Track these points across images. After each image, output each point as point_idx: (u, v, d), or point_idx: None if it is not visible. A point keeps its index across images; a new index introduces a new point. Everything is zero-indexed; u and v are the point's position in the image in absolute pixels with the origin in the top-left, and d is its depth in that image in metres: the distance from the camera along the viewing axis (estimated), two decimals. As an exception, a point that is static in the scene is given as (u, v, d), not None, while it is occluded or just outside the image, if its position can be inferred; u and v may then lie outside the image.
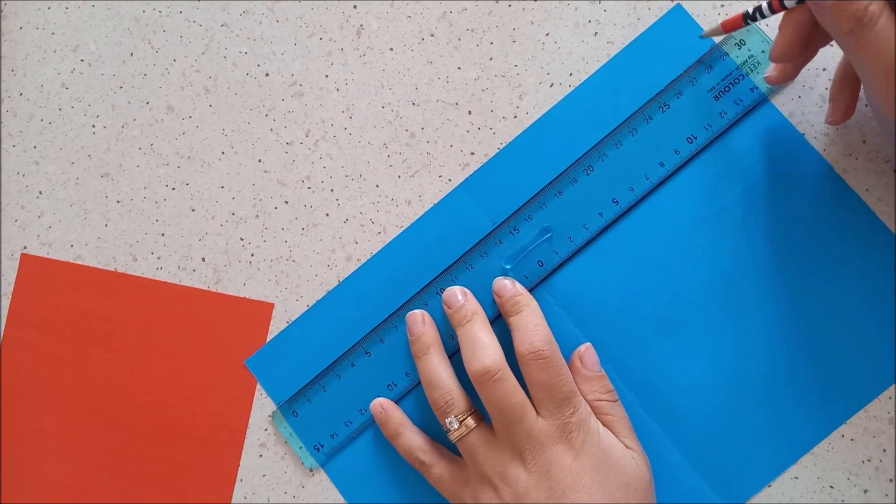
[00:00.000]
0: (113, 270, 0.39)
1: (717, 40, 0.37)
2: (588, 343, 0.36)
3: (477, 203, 0.38)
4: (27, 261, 0.40)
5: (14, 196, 0.40)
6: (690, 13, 0.37)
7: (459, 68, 0.39)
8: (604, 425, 0.34)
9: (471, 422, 0.34)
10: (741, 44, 0.37)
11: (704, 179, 0.37)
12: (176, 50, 0.40)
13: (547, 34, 0.38)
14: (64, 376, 0.39)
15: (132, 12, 0.40)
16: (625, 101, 0.37)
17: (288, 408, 0.38)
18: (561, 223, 0.37)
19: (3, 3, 0.40)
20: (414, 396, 0.37)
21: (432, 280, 0.37)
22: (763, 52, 0.37)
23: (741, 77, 0.37)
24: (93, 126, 0.40)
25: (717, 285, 0.36)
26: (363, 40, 0.39)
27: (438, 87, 0.39)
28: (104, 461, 0.38)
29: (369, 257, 0.38)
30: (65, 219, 0.40)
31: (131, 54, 0.40)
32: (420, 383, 0.36)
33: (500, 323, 0.36)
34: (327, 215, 0.39)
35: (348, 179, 0.39)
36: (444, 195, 0.38)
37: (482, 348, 0.34)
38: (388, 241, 0.38)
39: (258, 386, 0.38)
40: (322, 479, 0.38)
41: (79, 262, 0.39)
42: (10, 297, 0.39)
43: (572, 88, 0.38)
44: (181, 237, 0.39)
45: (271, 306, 0.38)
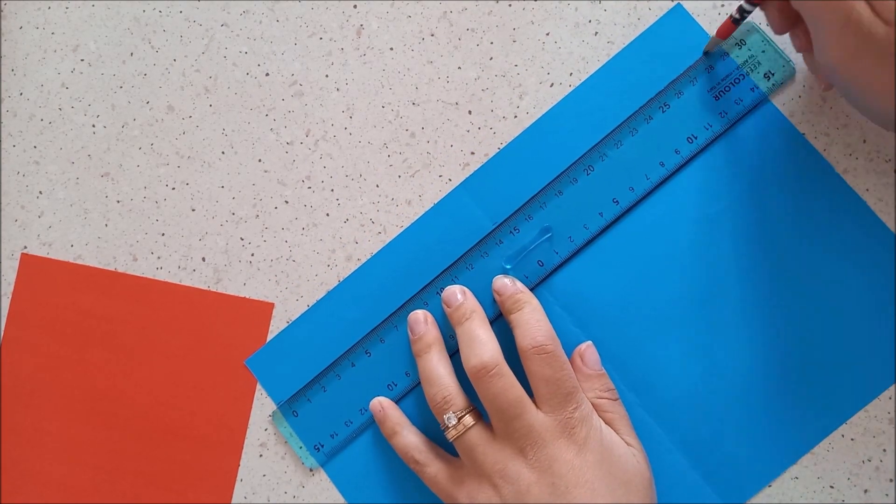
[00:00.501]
0: (113, 270, 0.39)
1: (724, 47, 0.37)
2: (589, 342, 0.36)
3: (477, 203, 0.38)
4: (27, 261, 0.40)
5: (14, 196, 0.40)
6: (690, 13, 0.37)
7: (460, 68, 0.39)
8: (609, 424, 0.34)
9: (469, 419, 0.34)
10: (741, 43, 0.37)
11: (705, 179, 0.37)
12: (176, 50, 0.40)
13: (547, 34, 0.38)
14: (64, 376, 0.39)
15: (132, 12, 0.40)
16: (625, 101, 0.37)
17: (288, 408, 0.38)
18: (561, 223, 0.37)
19: (3, 3, 0.40)
20: (414, 396, 0.37)
21: (432, 280, 0.37)
22: (763, 52, 0.37)
23: (741, 77, 0.37)
24: (93, 126, 0.40)
25: (717, 285, 0.36)
26: (363, 40, 0.39)
27: (438, 87, 0.39)
28: (104, 461, 0.38)
29: (369, 257, 0.38)
30: (65, 219, 0.40)
31: (131, 54, 0.40)
32: (420, 384, 0.36)
33: (500, 323, 0.36)
34: (327, 215, 0.39)
35: (348, 179, 0.39)
36: (445, 195, 0.38)
37: (480, 345, 0.34)
38: (389, 241, 0.38)
39: (258, 386, 0.38)
40: (322, 479, 0.38)
41: (79, 262, 0.39)
42: (10, 297, 0.39)
43: (573, 88, 0.38)
44: (181, 237, 0.39)
45: (271, 306, 0.38)
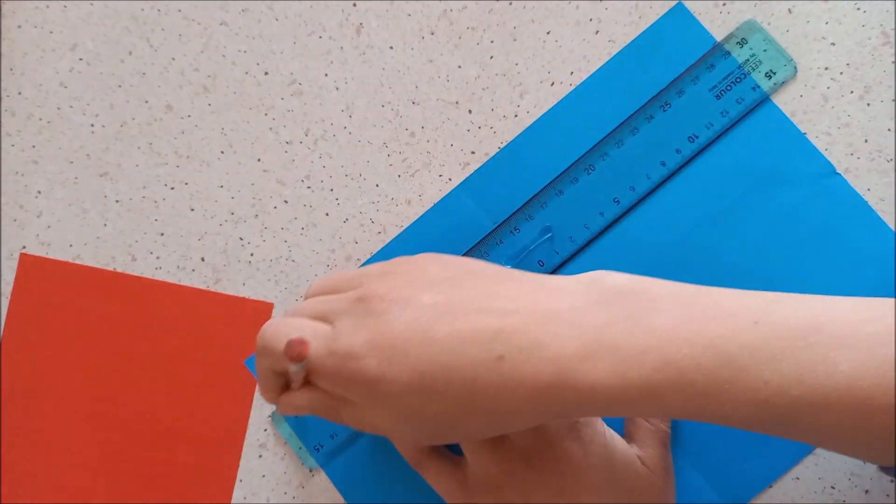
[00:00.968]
0: (112, 270, 0.39)
1: (726, 46, 0.37)
2: None
3: (477, 203, 0.38)
4: (26, 260, 0.39)
5: (13, 195, 0.40)
6: (692, 12, 0.37)
7: (460, 67, 0.38)
8: (636, 433, 0.34)
9: None
10: (743, 42, 0.36)
11: (706, 179, 0.37)
12: (175, 48, 0.40)
13: (548, 32, 0.38)
14: (63, 376, 0.39)
15: (130, 11, 0.40)
16: (626, 100, 0.37)
17: None
18: (562, 223, 0.37)
19: (2, 3, 0.40)
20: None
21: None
22: (765, 51, 0.36)
23: (743, 76, 0.36)
24: (91, 125, 0.40)
25: (717, 285, 0.36)
26: (363, 39, 0.39)
27: (438, 86, 0.38)
28: (104, 461, 0.38)
29: (369, 257, 0.38)
30: (64, 218, 0.39)
31: (130, 53, 0.40)
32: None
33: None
34: (327, 215, 0.39)
35: (348, 179, 0.39)
36: (445, 195, 0.38)
37: None
38: (388, 241, 0.38)
39: (258, 386, 0.38)
40: (322, 479, 0.37)
41: (78, 262, 0.39)
42: (10, 297, 0.39)
43: (573, 87, 0.38)
44: (180, 237, 0.39)
45: (271, 306, 0.38)
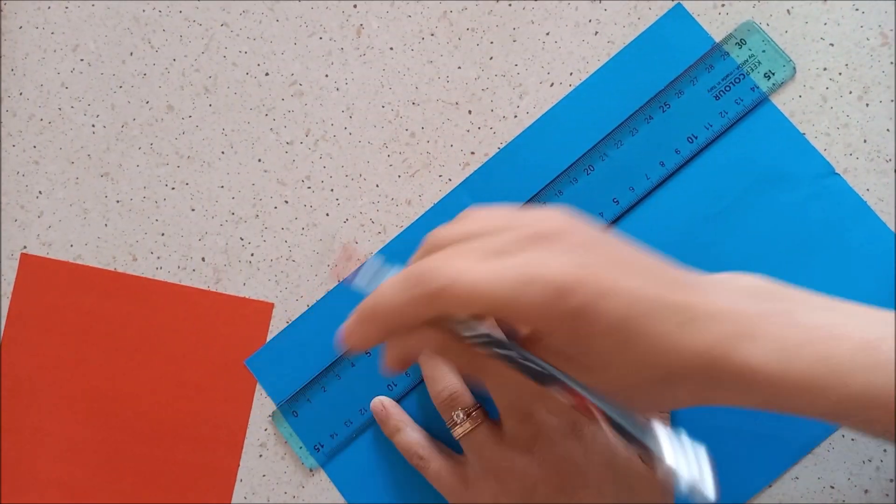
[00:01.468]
0: (113, 270, 0.39)
1: (725, 47, 0.37)
2: None
3: (477, 202, 0.38)
4: (27, 261, 0.39)
5: (14, 196, 0.40)
6: (691, 13, 0.37)
7: (459, 68, 0.39)
8: None
9: (478, 415, 0.34)
10: (742, 43, 0.37)
11: (705, 179, 0.37)
12: (176, 49, 0.40)
13: (547, 33, 0.38)
14: (64, 376, 0.39)
15: (132, 12, 0.40)
16: (625, 101, 0.37)
17: (288, 408, 0.38)
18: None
19: (3, 3, 0.40)
20: (415, 396, 0.37)
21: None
22: (764, 52, 0.36)
23: (742, 76, 0.36)
24: (92, 126, 0.40)
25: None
26: (363, 40, 0.39)
27: (438, 87, 0.39)
28: (104, 461, 0.38)
29: (368, 257, 0.38)
30: (64, 218, 0.40)
31: (131, 54, 0.40)
32: (421, 382, 0.36)
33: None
34: (327, 215, 0.39)
35: (348, 179, 0.39)
36: (445, 195, 0.38)
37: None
38: (388, 241, 0.38)
39: (258, 386, 0.38)
40: (322, 479, 0.38)
41: (79, 262, 0.39)
42: (10, 297, 0.39)
43: (573, 88, 0.38)
44: (181, 237, 0.39)
45: (271, 306, 0.38)
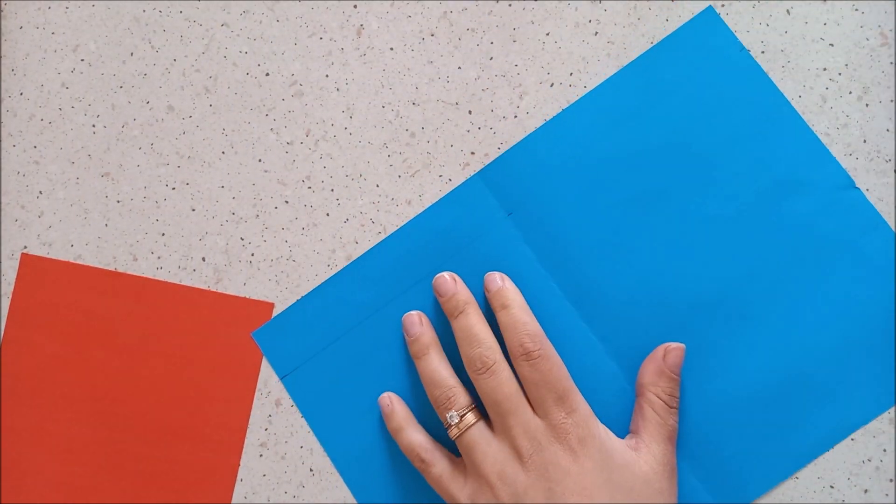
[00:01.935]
0: (113, 270, 0.39)
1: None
2: (683, 345, 0.35)
3: (492, 191, 0.38)
4: (27, 261, 0.39)
5: (14, 196, 0.40)
6: (721, 16, 0.37)
7: (460, 68, 0.39)
8: (643, 425, 0.34)
9: (470, 417, 0.34)
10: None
11: (707, 179, 0.37)
12: (176, 49, 0.40)
13: (547, 34, 0.38)
14: (64, 376, 0.39)
15: (132, 12, 0.40)
16: (649, 100, 0.37)
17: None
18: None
19: (4, 3, 0.40)
20: (418, 396, 0.37)
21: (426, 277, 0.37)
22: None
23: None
24: (93, 126, 0.40)
25: (722, 287, 0.36)
26: (363, 40, 0.39)
27: (439, 87, 0.39)
28: (104, 461, 0.38)
29: (363, 253, 0.38)
30: (65, 218, 0.40)
31: (131, 54, 0.40)
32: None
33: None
34: (327, 215, 0.39)
35: (348, 179, 0.39)
36: (460, 183, 0.38)
37: (476, 341, 0.34)
38: (388, 236, 0.38)
39: (258, 385, 0.38)
40: (322, 479, 0.38)
41: (79, 262, 0.39)
42: (10, 297, 0.39)
43: (573, 88, 0.38)
44: (181, 237, 0.39)
45: (271, 306, 0.38)
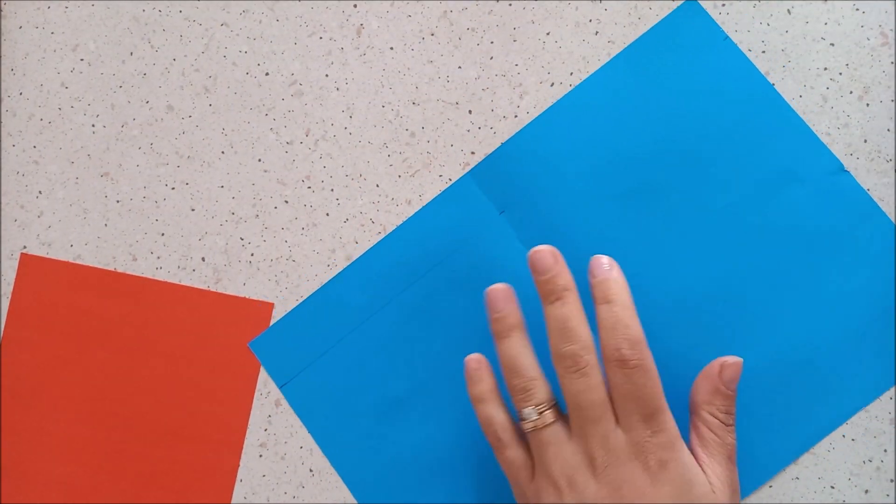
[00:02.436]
0: (113, 270, 0.39)
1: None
2: (740, 359, 0.33)
3: (484, 191, 0.38)
4: (27, 260, 0.39)
5: (14, 196, 0.40)
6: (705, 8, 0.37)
7: (460, 68, 0.39)
8: (701, 444, 0.32)
9: (549, 416, 0.32)
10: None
11: (708, 174, 0.37)
12: (176, 49, 0.40)
13: (548, 33, 0.38)
14: (64, 376, 0.39)
15: (132, 12, 0.40)
16: (635, 94, 0.37)
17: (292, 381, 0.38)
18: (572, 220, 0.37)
19: (3, 3, 0.40)
20: (419, 392, 0.37)
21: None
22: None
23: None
24: (92, 125, 0.40)
25: (718, 281, 0.36)
26: (363, 39, 0.39)
27: (439, 87, 0.39)
28: (104, 461, 0.38)
29: (363, 252, 0.38)
30: (64, 218, 0.40)
31: (131, 54, 0.40)
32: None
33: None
34: (327, 215, 0.39)
35: (348, 179, 0.39)
36: (453, 182, 0.38)
37: (573, 336, 0.31)
38: (386, 236, 0.38)
39: (258, 385, 0.38)
40: (322, 479, 0.38)
41: (78, 262, 0.39)
42: (10, 297, 0.39)
43: (573, 88, 0.38)
44: (181, 237, 0.39)
45: (271, 306, 0.38)
